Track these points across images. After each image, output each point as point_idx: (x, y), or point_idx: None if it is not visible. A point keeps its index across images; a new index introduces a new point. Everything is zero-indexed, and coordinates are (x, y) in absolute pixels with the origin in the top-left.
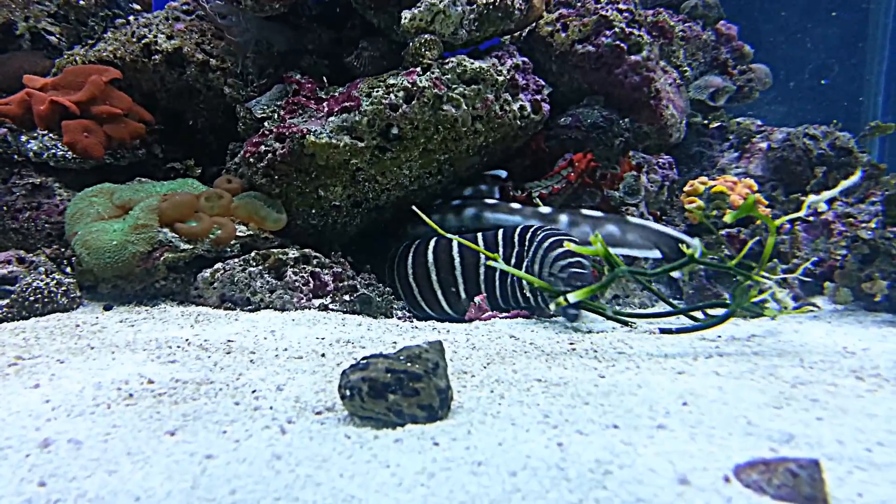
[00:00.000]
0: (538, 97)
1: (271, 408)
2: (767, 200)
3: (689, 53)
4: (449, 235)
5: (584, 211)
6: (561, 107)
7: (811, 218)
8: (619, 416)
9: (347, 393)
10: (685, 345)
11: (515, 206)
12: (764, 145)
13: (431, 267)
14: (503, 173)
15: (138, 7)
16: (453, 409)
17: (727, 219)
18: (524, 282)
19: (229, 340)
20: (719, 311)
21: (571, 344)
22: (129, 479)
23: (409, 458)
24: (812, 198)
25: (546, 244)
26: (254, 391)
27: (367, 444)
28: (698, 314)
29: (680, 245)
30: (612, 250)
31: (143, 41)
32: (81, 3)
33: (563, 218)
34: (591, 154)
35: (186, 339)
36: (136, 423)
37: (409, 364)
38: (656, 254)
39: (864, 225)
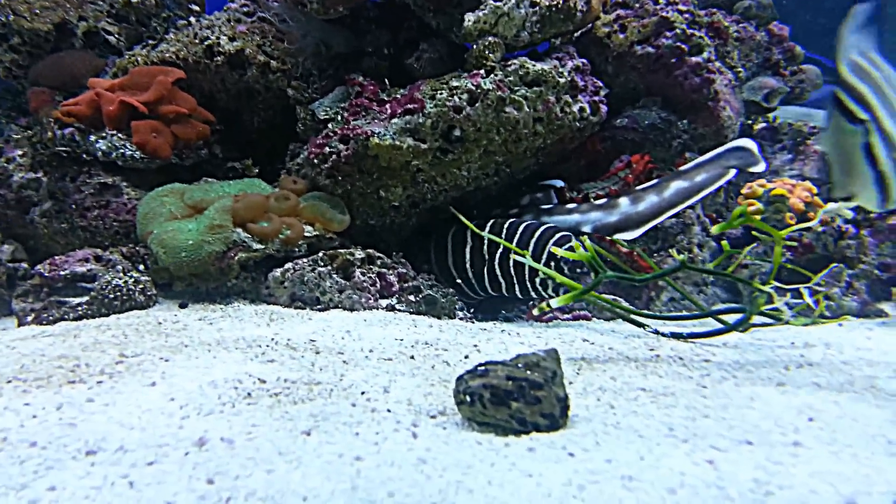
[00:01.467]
0: (596, 98)
1: (389, 410)
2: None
3: (742, 54)
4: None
5: (639, 186)
6: (614, 108)
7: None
8: (748, 432)
9: (467, 399)
10: (766, 353)
11: (571, 206)
12: (820, 147)
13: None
14: (559, 183)
15: (197, 8)
16: (569, 417)
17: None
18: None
19: (311, 340)
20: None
21: (652, 350)
22: (290, 479)
23: (548, 467)
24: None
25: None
26: (363, 392)
27: (501, 451)
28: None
29: (744, 150)
30: (696, 198)
31: (205, 42)
32: (141, 4)
33: (624, 200)
34: (649, 155)
35: (272, 338)
36: (269, 422)
37: (528, 372)
38: (732, 173)
39: None
